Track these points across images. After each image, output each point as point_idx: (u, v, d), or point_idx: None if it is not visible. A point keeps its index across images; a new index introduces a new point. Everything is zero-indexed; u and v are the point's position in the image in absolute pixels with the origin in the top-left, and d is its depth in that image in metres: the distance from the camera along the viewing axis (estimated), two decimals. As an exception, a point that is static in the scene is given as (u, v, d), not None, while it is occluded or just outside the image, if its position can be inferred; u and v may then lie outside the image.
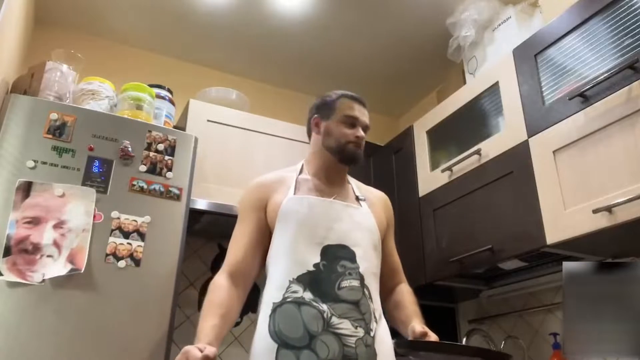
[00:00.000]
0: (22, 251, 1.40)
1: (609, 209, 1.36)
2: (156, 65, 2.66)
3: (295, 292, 1.26)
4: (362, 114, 1.50)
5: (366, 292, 1.31)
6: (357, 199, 1.50)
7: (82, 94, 1.80)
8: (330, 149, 1.48)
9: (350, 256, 1.33)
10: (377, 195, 1.59)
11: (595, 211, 1.39)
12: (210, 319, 1.19)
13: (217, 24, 2.50)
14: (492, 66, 1.98)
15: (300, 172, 1.50)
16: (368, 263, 1.36)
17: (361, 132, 1.48)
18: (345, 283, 1.28)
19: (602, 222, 1.38)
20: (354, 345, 1.22)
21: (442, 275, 2.00)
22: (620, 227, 1.35)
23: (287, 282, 1.27)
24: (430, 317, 2.36)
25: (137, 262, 1.55)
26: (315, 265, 1.29)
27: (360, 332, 1.24)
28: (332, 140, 1.47)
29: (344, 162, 1.48)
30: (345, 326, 1.23)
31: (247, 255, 1.35)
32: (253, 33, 2.56)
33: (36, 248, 1.42)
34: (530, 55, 1.77)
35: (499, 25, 2.13)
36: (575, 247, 1.56)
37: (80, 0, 2.35)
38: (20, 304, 1.37)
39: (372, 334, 1.26)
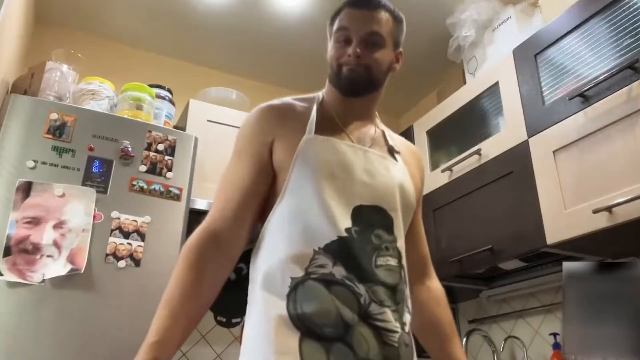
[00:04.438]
0: (22, 251, 1.40)
1: (609, 209, 1.36)
2: (156, 65, 2.66)
3: (322, 266, 0.90)
4: (360, 21, 1.04)
5: (403, 275, 0.98)
6: (391, 150, 1.10)
7: (82, 94, 1.80)
8: (331, 80, 1.09)
9: (387, 224, 0.98)
10: (410, 149, 1.18)
11: (595, 211, 1.39)
12: (182, 312, 0.87)
13: (217, 24, 2.50)
14: (492, 66, 1.98)
15: (321, 104, 1.09)
16: (404, 237, 1.03)
17: (356, 49, 1.02)
18: (381, 260, 0.94)
19: (602, 222, 1.38)
20: (396, 344, 0.90)
21: (442, 275, 1.98)
22: (620, 227, 1.36)
23: (311, 251, 0.91)
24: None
25: (137, 262, 1.55)
26: (348, 230, 0.93)
27: (399, 326, 0.92)
28: (329, 68, 1.08)
29: (345, 94, 1.07)
30: (386, 318, 0.90)
31: (242, 207, 0.97)
32: (253, 33, 2.56)
33: (36, 248, 1.42)
34: (530, 55, 1.77)
35: (499, 25, 2.13)
36: (575, 247, 1.56)
37: (80, 0, 2.35)
38: (20, 304, 1.37)
39: (407, 330, 0.95)
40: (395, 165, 1.06)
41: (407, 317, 0.97)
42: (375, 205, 0.98)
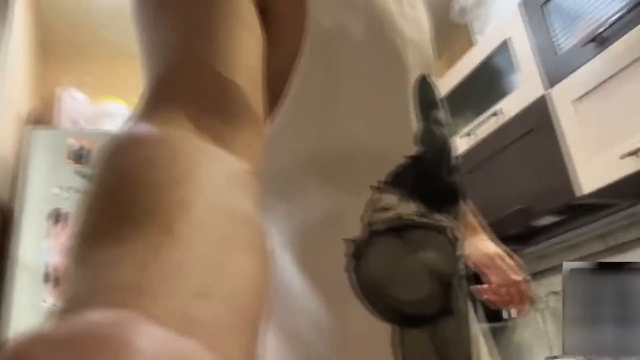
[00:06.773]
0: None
1: (635, 152, 1.32)
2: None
3: (385, 208, 0.49)
4: None
5: None
6: None
7: (97, 116, 1.84)
8: None
9: (438, 99, 0.57)
10: None
11: (622, 157, 1.35)
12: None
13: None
14: (499, 23, 1.93)
15: None
16: None
17: None
18: (453, 155, 0.57)
19: (630, 166, 1.34)
20: None
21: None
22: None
23: (368, 190, 0.48)
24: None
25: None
26: (416, 138, 0.50)
27: None
28: None
29: None
30: None
31: (252, 63, 0.37)
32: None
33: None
34: (536, 5, 1.72)
35: (501, -21, 2.07)
36: (608, 194, 1.53)
37: (84, 24, 2.37)
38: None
39: None
40: None
41: None
42: (422, 73, 0.54)
